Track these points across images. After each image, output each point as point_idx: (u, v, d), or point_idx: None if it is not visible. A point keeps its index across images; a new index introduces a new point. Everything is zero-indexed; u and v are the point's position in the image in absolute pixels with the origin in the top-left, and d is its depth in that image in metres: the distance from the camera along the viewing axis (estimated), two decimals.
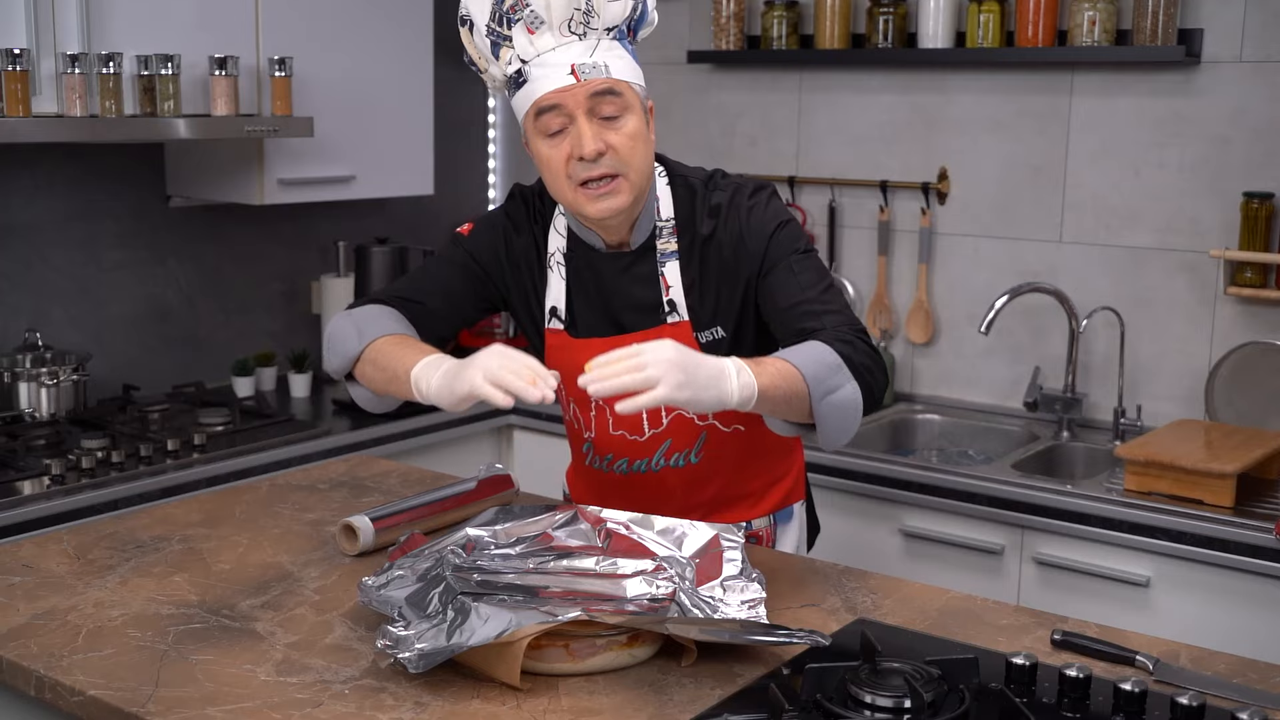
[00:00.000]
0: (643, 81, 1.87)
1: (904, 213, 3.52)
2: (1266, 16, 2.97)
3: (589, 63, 1.79)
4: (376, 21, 3.42)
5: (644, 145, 1.85)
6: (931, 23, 3.32)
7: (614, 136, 1.81)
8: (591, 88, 1.78)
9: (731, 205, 1.92)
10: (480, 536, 1.80)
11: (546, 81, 1.79)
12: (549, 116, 1.81)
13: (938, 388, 3.53)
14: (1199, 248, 3.11)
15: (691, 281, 1.93)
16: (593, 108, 1.79)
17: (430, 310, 2.00)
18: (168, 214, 3.43)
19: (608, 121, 1.81)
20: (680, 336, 1.92)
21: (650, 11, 1.89)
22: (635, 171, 1.84)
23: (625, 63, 1.83)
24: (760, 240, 1.90)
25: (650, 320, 1.95)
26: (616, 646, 1.59)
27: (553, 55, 1.79)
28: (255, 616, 1.76)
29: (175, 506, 2.26)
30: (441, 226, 4.10)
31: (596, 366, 1.60)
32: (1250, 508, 2.62)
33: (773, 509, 2.13)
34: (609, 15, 1.80)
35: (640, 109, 1.84)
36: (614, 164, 1.82)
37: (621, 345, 1.77)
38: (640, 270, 1.94)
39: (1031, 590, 2.80)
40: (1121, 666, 1.62)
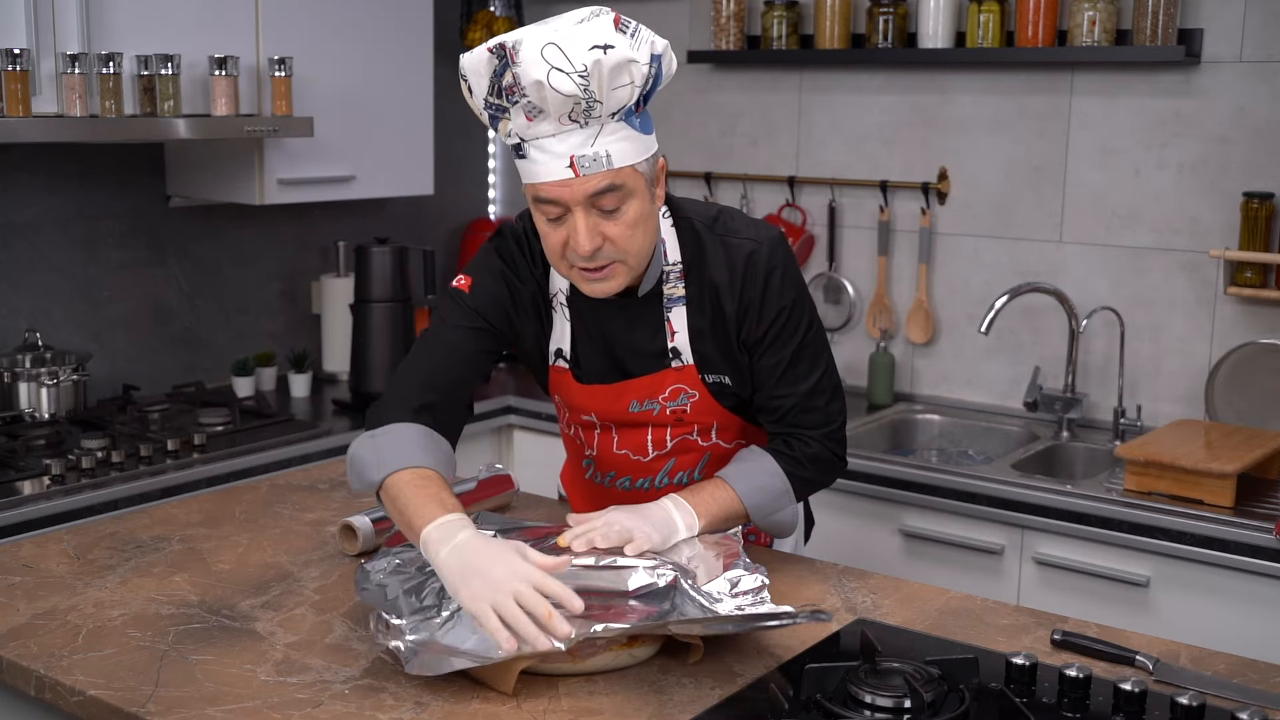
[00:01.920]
0: (651, 150, 1.76)
1: (904, 213, 3.52)
2: (1267, 16, 2.97)
3: (589, 154, 1.69)
4: (376, 21, 3.42)
5: (644, 229, 1.77)
6: (931, 23, 3.32)
7: (612, 228, 1.74)
8: (590, 186, 1.70)
9: (750, 265, 1.86)
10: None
11: (544, 169, 1.70)
12: (546, 205, 1.74)
13: (938, 388, 3.53)
14: (1199, 248, 3.11)
15: (697, 327, 1.90)
16: (591, 202, 1.72)
17: (453, 397, 1.89)
18: (168, 214, 3.43)
19: (607, 214, 1.73)
20: (686, 380, 1.91)
21: (665, 75, 1.74)
22: (634, 256, 1.78)
23: (630, 144, 1.72)
24: (770, 316, 1.87)
25: (655, 365, 1.92)
26: (617, 646, 1.60)
27: (551, 142, 1.69)
28: (255, 616, 1.76)
29: (175, 506, 2.26)
30: (441, 227, 4.10)
31: (573, 536, 1.72)
32: (1250, 508, 2.62)
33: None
34: (613, 103, 1.68)
35: (644, 189, 1.75)
36: (611, 254, 1.76)
37: (627, 392, 1.90)
38: (645, 315, 1.90)
39: (1031, 590, 2.79)
40: (1121, 666, 1.62)
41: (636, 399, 1.94)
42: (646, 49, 1.69)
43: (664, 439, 1.97)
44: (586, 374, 1.95)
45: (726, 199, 3.77)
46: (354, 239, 3.67)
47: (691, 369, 1.91)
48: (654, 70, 1.70)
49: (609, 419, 1.98)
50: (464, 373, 1.91)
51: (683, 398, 1.93)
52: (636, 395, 1.94)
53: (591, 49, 1.64)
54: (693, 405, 1.94)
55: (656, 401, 1.94)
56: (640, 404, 1.94)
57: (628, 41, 1.67)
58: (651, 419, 1.96)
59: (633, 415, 1.96)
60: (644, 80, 1.69)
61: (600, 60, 1.64)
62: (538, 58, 1.64)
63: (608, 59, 1.64)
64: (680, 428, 1.97)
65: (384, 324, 3.41)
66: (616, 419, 1.97)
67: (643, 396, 1.94)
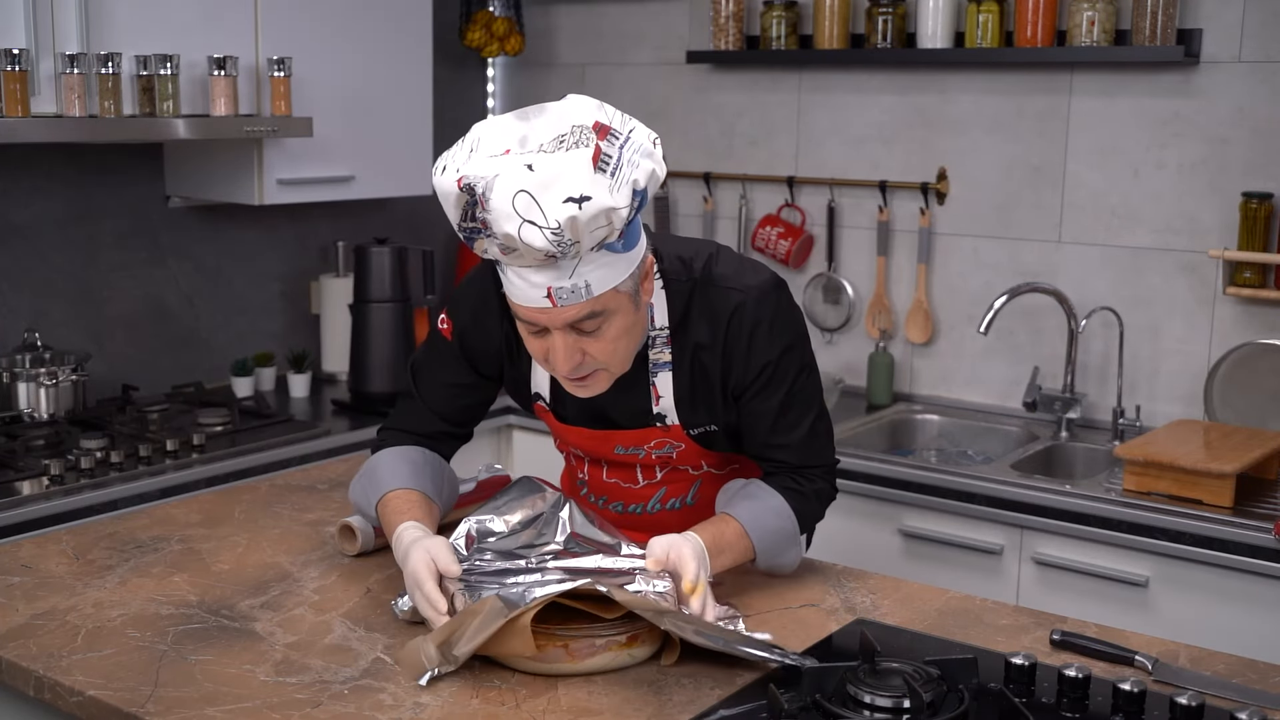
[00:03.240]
0: (636, 262, 1.68)
1: (903, 213, 3.52)
2: (1266, 16, 2.97)
3: (567, 286, 1.61)
4: (375, 21, 3.42)
5: (627, 339, 1.72)
6: (931, 23, 3.32)
7: (593, 345, 1.70)
8: (568, 315, 1.65)
9: (735, 319, 1.81)
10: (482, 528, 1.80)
11: (521, 294, 1.65)
12: (525, 323, 1.70)
13: (937, 388, 3.53)
14: (1198, 248, 3.11)
15: (682, 390, 1.86)
16: (571, 325, 1.67)
17: (456, 421, 2.00)
18: (167, 214, 3.43)
19: (587, 334, 1.69)
20: (670, 436, 1.90)
21: (651, 193, 1.63)
22: (617, 364, 1.75)
23: (610, 270, 1.64)
24: (755, 369, 1.83)
25: (640, 422, 1.90)
26: (615, 646, 1.60)
27: (528, 273, 1.62)
28: (254, 617, 1.76)
29: (174, 507, 2.26)
30: (440, 226, 4.09)
31: None
32: (1249, 508, 2.62)
33: None
34: (590, 241, 1.59)
35: (627, 304, 1.69)
36: (593, 365, 1.73)
37: (611, 439, 1.89)
38: (631, 379, 1.84)
39: (1031, 590, 2.80)
40: (1120, 666, 1.62)
41: (622, 444, 1.93)
42: (627, 189, 1.57)
43: (654, 469, 1.97)
44: (570, 416, 1.94)
45: (726, 199, 3.77)
46: (353, 239, 3.67)
47: (677, 428, 1.89)
48: (636, 204, 1.60)
49: (595, 457, 1.98)
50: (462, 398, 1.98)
51: (668, 448, 1.92)
52: (622, 442, 1.93)
53: (566, 202, 1.53)
54: (679, 453, 1.93)
55: (643, 448, 1.93)
56: (626, 449, 1.94)
57: (606, 185, 1.56)
58: (637, 460, 1.95)
59: (619, 457, 1.95)
60: (624, 220, 1.59)
61: (575, 216, 1.54)
62: (509, 209, 1.55)
63: (583, 213, 1.54)
64: (669, 472, 1.97)
65: (383, 324, 3.41)
66: (603, 458, 1.97)
67: (628, 444, 1.93)
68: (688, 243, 1.91)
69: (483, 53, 3.94)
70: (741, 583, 1.89)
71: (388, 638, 1.69)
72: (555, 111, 1.62)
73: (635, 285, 1.70)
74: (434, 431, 1.98)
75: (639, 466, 1.97)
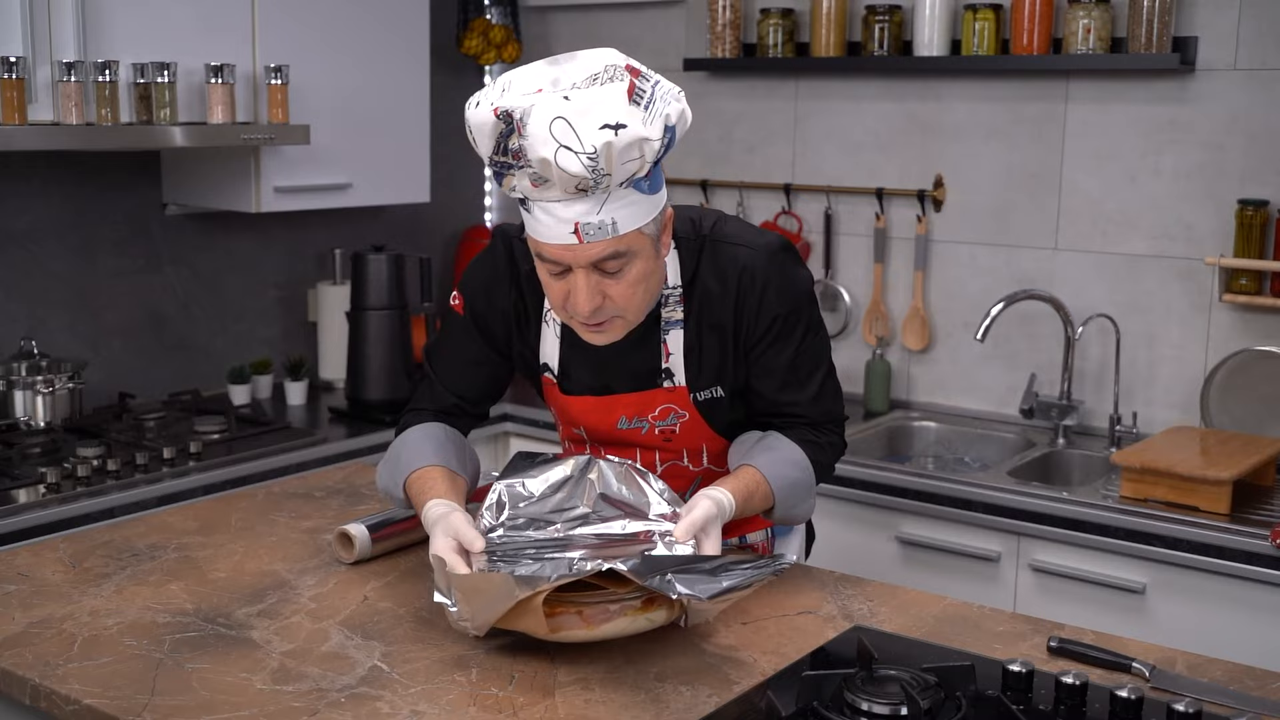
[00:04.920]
0: (659, 207, 1.73)
1: (900, 220, 3.53)
2: (1261, 24, 2.98)
3: (594, 222, 1.65)
4: (372, 29, 3.42)
5: (646, 285, 1.76)
6: (927, 30, 3.32)
7: (614, 288, 1.73)
8: (593, 253, 1.68)
9: (745, 273, 1.85)
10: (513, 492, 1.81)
11: (548, 231, 1.68)
12: (549, 262, 1.73)
13: (934, 395, 3.53)
14: (1194, 255, 3.11)
15: (691, 347, 1.89)
16: (594, 265, 1.70)
17: (472, 399, 2.03)
18: (164, 221, 3.43)
19: (609, 274, 1.72)
20: (677, 400, 1.91)
21: (679, 135, 1.70)
22: (634, 312, 1.78)
23: (636, 209, 1.68)
24: (765, 322, 1.87)
25: (646, 384, 1.91)
26: (631, 611, 1.59)
27: (557, 207, 1.65)
28: (251, 625, 1.76)
29: (171, 514, 2.26)
30: (438, 233, 4.10)
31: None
32: (1246, 514, 2.62)
33: (768, 524, 2.10)
34: (621, 174, 1.64)
35: (648, 248, 1.73)
36: (611, 311, 1.76)
37: (616, 407, 1.91)
38: (641, 337, 1.88)
39: (1028, 597, 2.79)
40: (1118, 673, 1.62)
41: (625, 414, 1.94)
42: (659, 123, 1.64)
43: (654, 464, 1.97)
44: (575, 386, 1.95)
45: (723, 206, 3.77)
46: (350, 246, 3.67)
47: (683, 390, 1.91)
48: (667, 140, 1.66)
49: (598, 436, 1.98)
50: (477, 376, 2.01)
51: (672, 418, 1.93)
52: (625, 411, 1.93)
53: (602, 128, 1.58)
54: (682, 426, 1.94)
55: (646, 420, 1.94)
56: (629, 420, 1.94)
57: (640, 116, 1.61)
58: (640, 439, 1.96)
59: (621, 433, 1.95)
60: (655, 154, 1.65)
61: (611, 141, 1.59)
62: (546, 134, 1.59)
63: (619, 140, 1.59)
64: (669, 453, 1.97)
65: (380, 332, 3.41)
66: (605, 436, 1.97)
67: (632, 413, 1.93)
68: (694, 208, 1.96)
69: (480, 60, 3.94)
70: None
71: (385, 645, 1.69)
72: (585, 56, 1.67)
73: (657, 232, 1.74)
74: (449, 407, 2.01)
75: (639, 451, 1.96)
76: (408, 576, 1.94)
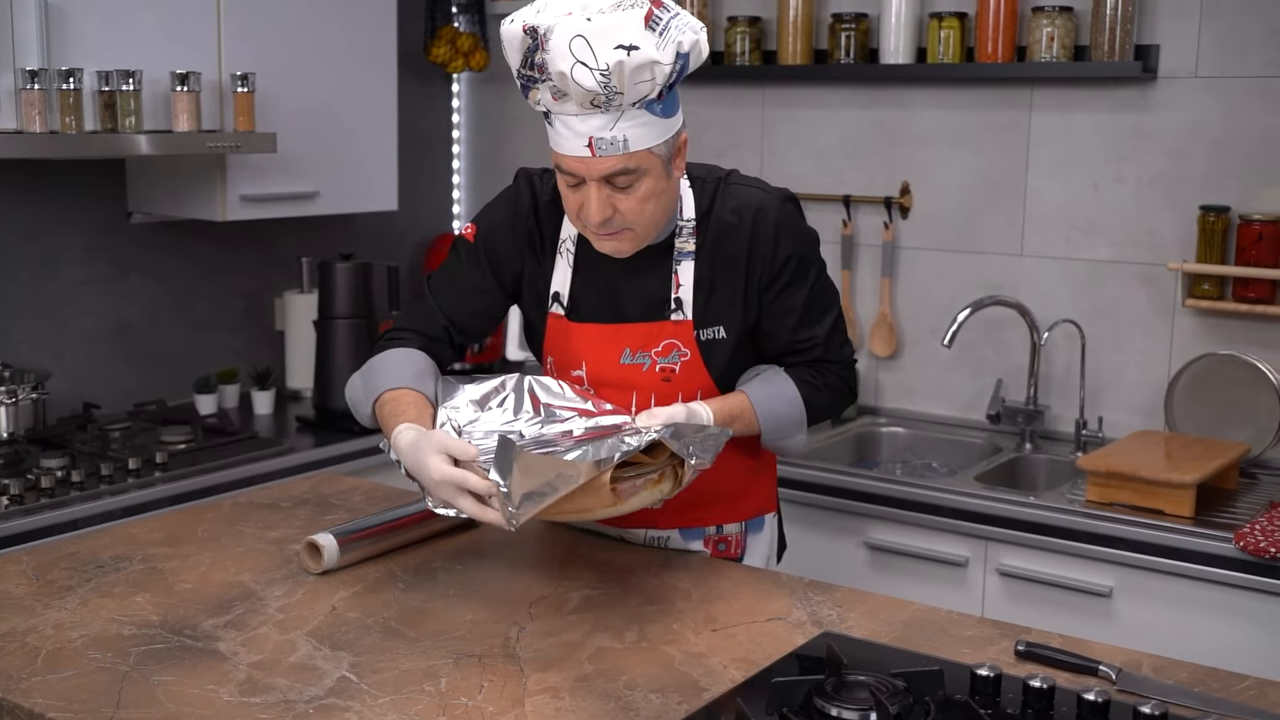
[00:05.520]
0: (672, 131, 1.85)
1: (867, 227, 3.54)
2: (1220, 32, 3.01)
3: (606, 138, 1.79)
4: (340, 36, 3.41)
5: (656, 203, 1.87)
6: (893, 39, 3.34)
7: (624, 201, 1.85)
8: (604, 167, 1.81)
9: (760, 214, 1.98)
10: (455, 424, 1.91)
11: (565, 143, 1.82)
12: (565, 174, 1.86)
13: (901, 401, 3.55)
14: (1157, 260, 3.14)
15: (702, 279, 1.98)
16: (605, 179, 1.82)
17: (461, 326, 2.09)
18: (129, 230, 3.40)
19: (620, 189, 1.84)
20: (681, 336, 1.99)
21: (694, 64, 1.82)
22: (643, 227, 1.89)
23: (648, 129, 1.81)
24: (781, 260, 1.98)
25: (654, 314, 2.00)
26: (650, 485, 1.73)
27: (574, 121, 1.79)
28: (218, 636, 1.74)
29: (136, 526, 2.24)
30: (406, 242, 4.09)
31: None
32: (1210, 517, 2.64)
33: (746, 516, 2.15)
34: (633, 95, 1.77)
35: (659, 167, 1.84)
36: (621, 223, 1.87)
37: (621, 333, 2.01)
38: (655, 263, 1.98)
39: (995, 601, 2.81)
40: (1085, 676, 1.63)
41: (630, 347, 2.00)
42: (672, 49, 1.76)
43: (649, 404, 2.00)
44: (583, 314, 2.02)
45: None
46: (318, 255, 3.65)
47: (688, 324, 1.98)
48: (679, 66, 1.78)
49: (597, 373, 2.02)
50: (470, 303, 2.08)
51: (674, 355, 2.00)
52: (631, 343, 2.00)
53: (616, 48, 1.72)
54: (682, 365, 2.00)
55: (649, 355, 2.00)
56: (633, 354, 2.00)
57: (654, 41, 1.74)
58: (639, 377, 2.00)
59: (622, 370, 2.00)
60: (666, 78, 1.77)
61: (623, 61, 1.72)
62: (565, 49, 1.73)
63: (630, 60, 1.73)
64: (665, 396, 2.01)
65: (348, 340, 3.40)
66: (605, 374, 2.02)
67: (636, 346, 2.00)
68: (708, 165, 2.10)
69: (448, 68, 3.94)
70: (710, 595, 1.90)
71: (354, 656, 1.68)
72: None
73: (669, 153, 1.86)
74: (437, 331, 2.07)
75: (635, 393, 2.00)
76: (376, 586, 1.93)
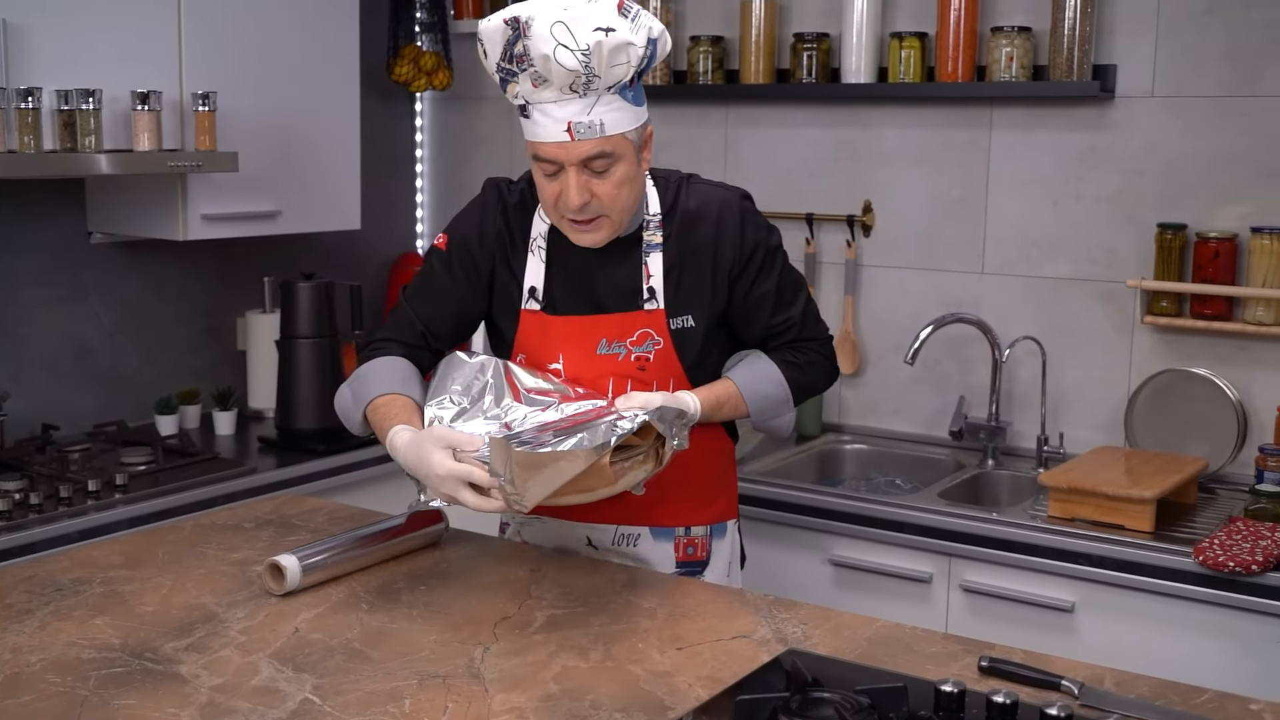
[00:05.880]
0: (641, 120, 1.98)
1: (830, 245, 3.56)
2: (1176, 53, 3.05)
3: (585, 122, 1.90)
4: (302, 55, 3.40)
5: (629, 188, 1.99)
6: (854, 58, 3.37)
7: (601, 186, 1.95)
8: (583, 150, 1.91)
9: (724, 207, 2.10)
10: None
11: (544, 131, 1.92)
12: (544, 163, 1.95)
13: (865, 418, 3.56)
14: (1116, 278, 3.17)
15: (671, 269, 2.08)
16: (584, 163, 1.93)
17: (438, 332, 2.16)
18: (89, 250, 3.38)
19: (597, 174, 1.94)
20: (654, 323, 2.08)
21: (660, 54, 1.96)
22: (619, 213, 1.99)
23: (622, 114, 1.93)
24: (749, 247, 2.11)
25: (629, 304, 2.08)
26: (637, 465, 1.84)
27: (553, 108, 1.90)
28: (179, 659, 1.73)
29: (96, 548, 2.22)
30: (369, 261, 4.08)
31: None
32: (1170, 532, 2.67)
33: (710, 520, 2.21)
34: (610, 78, 1.90)
35: (632, 153, 1.96)
36: (598, 209, 1.97)
37: (598, 324, 2.09)
38: (624, 256, 2.08)
39: (959, 617, 2.82)
40: (1048, 691, 1.64)
41: (606, 337, 2.08)
42: (644, 34, 1.91)
43: (624, 392, 2.05)
44: (559, 308, 2.10)
45: None
46: (280, 274, 3.63)
47: (661, 313, 2.08)
48: (649, 52, 1.92)
49: (575, 365, 2.08)
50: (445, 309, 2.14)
51: (648, 344, 2.09)
52: (607, 333, 2.08)
53: (595, 30, 1.86)
54: (656, 354, 2.08)
55: (624, 345, 2.08)
56: (610, 344, 2.08)
57: (628, 25, 1.89)
58: (616, 366, 2.07)
59: (599, 360, 2.07)
60: (639, 61, 1.91)
61: (602, 41, 1.86)
62: (547, 33, 1.85)
63: (608, 40, 1.86)
64: (640, 384, 2.06)
65: (310, 360, 3.38)
66: (582, 365, 2.07)
67: (612, 336, 2.08)
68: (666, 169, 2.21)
69: (410, 87, 3.94)
70: (676, 614, 1.90)
71: (316, 678, 1.67)
72: None
73: (639, 140, 1.99)
74: (416, 338, 2.15)
75: (612, 381, 2.06)
76: (340, 607, 1.92)
